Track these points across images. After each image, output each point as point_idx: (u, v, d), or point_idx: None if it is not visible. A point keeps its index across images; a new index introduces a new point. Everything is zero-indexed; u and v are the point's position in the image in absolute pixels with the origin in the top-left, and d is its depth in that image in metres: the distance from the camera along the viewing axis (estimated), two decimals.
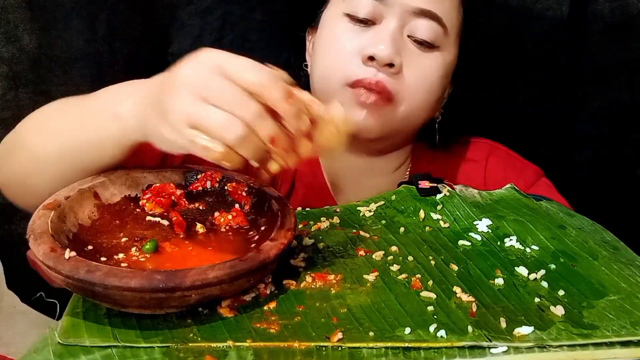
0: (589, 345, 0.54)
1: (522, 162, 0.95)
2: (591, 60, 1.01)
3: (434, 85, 0.83)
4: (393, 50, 0.79)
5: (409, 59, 0.80)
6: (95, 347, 0.52)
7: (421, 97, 0.82)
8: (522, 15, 1.00)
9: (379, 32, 0.80)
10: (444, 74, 0.84)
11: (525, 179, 0.90)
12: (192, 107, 0.54)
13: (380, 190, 0.90)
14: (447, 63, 0.84)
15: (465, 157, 0.95)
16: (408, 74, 0.81)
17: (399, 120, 0.83)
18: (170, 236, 0.64)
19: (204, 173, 0.71)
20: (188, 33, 1.07)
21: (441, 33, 0.81)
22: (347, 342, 0.53)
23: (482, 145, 0.96)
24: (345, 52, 0.81)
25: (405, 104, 0.82)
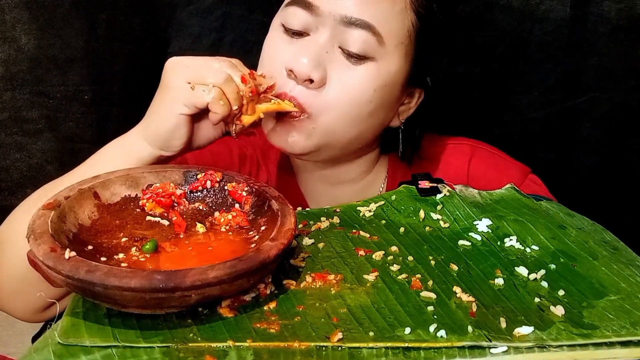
0: (589, 345, 0.54)
1: (506, 161, 0.94)
2: (596, 63, 1.00)
3: (363, 98, 0.78)
4: (313, 64, 0.76)
5: (336, 71, 0.77)
6: (95, 347, 0.52)
7: (346, 110, 0.78)
8: (525, 17, 0.99)
9: (305, 44, 0.78)
10: (381, 85, 0.79)
11: (511, 179, 0.87)
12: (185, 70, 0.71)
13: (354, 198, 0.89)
14: (386, 73, 0.79)
15: (446, 162, 0.93)
16: (333, 87, 0.77)
17: (322, 133, 0.79)
18: (170, 236, 0.64)
19: (204, 173, 0.71)
20: (188, 33, 1.07)
21: (374, 42, 0.76)
22: (347, 342, 0.53)
23: (462, 148, 0.94)
24: (272, 64, 0.80)
25: (327, 117, 0.78)
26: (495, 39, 1.01)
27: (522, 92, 1.05)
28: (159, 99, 0.73)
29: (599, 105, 1.03)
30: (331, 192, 0.93)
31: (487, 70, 1.04)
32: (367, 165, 0.92)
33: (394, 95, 0.82)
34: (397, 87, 0.81)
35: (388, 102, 0.82)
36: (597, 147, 1.06)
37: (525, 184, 0.90)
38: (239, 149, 0.95)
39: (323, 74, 0.77)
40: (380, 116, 0.83)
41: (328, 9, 0.77)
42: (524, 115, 1.06)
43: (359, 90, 0.78)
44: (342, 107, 0.78)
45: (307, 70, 0.76)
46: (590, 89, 1.02)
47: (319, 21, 0.77)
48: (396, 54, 0.79)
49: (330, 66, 0.77)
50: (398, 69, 0.80)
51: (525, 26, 1.00)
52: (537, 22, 0.99)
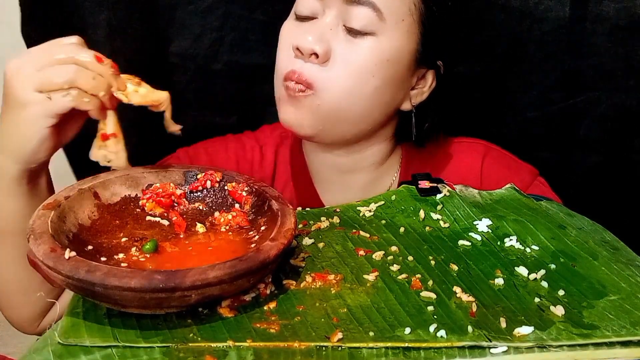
0: (589, 345, 0.54)
1: (517, 162, 0.95)
2: (596, 63, 1.00)
3: (365, 71, 0.80)
4: (316, 39, 0.79)
5: (340, 47, 0.80)
6: (95, 347, 0.52)
7: (349, 84, 0.80)
8: (524, 17, 0.99)
9: (312, 25, 0.81)
10: (384, 60, 0.80)
11: (522, 180, 0.89)
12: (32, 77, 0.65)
13: (364, 188, 0.92)
14: (388, 48, 0.80)
15: (460, 159, 0.94)
16: (337, 62, 0.80)
17: (328, 109, 0.81)
18: (170, 236, 0.65)
19: (204, 173, 0.71)
20: (188, 33, 1.07)
21: (375, 18, 0.78)
22: (347, 342, 0.53)
23: (477, 147, 0.95)
24: (282, 49, 0.84)
25: (331, 91, 0.80)
26: (495, 39, 1.01)
27: (522, 91, 1.04)
28: (13, 117, 0.66)
29: (599, 105, 1.02)
30: (342, 181, 0.93)
31: (487, 70, 1.04)
32: (380, 155, 0.92)
33: (400, 73, 0.83)
34: (402, 64, 0.82)
35: (393, 79, 0.83)
36: (596, 146, 1.06)
37: (534, 184, 0.91)
38: (235, 144, 0.96)
39: (327, 48, 0.79)
40: (386, 94, 0.83)
41: None
42: (524, 115, 1.06)
43: (360, 63, 0.80)
44: (345, 80, 0.80)
45: (311, 44, 0.79)
46: (590, 88, 1.02)
47: (325, 4, 0.80)
48: (397, 30, 0.80)
49: (335, 42, 0.80)
50: (400, 46, 0.81)
51: (525, 26, 1.00)
52: (536, 22, 0.99)
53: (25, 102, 0.65)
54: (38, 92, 0.64)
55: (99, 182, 0.67)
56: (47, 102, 0.64)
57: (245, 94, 1.11)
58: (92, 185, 0.66)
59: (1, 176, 0.69)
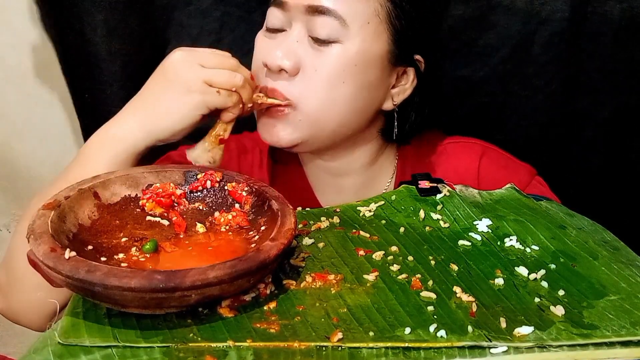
0: (589, 345, 0.54)
1: (514, 162, 0.95)
2: (599, 64, 0.99)
3: (334, 79, 0.80)
4: (284, 54, 0.80)
5: (308, 58, 0.80)
6: (95, 347, 0.52)
7: (321, 93, 0.80)
8: (529, 18, 0.99)
9: (279, 39, 0.82)
10: (351, 65, 0.80)
11: (520, 179, 0.89)
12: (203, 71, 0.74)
13: (359, 189, 0.92)
14: (354, 53, 0.80)
15: (457, 159, 0.94)
16: (305, 74, 0.80)
17: (308, 122, 0.81)
18: (170, 236, 0.65)
19: (204, 173, 0.71)
20: (186, 34, 1.07)
21: (337, 26, 0.78)
22: (347, 342, 0.53)
23: (474, 147, 0.95)
24: (254, 63, 0.85)
25: (306, 103, 0.80)
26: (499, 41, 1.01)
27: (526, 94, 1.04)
28: (170, 96, 0.74)
29: (603, 107, 1.02)
30: (336, 183, 0.93)
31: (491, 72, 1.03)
32: (369, 155, 0.92)
33: (373, 75, 0.82)
34: (373, 67, 0.82)
35: (366, 82, 0.82)
36: (599, 148, 1.05)
37: (532, 184, 0.91)
38: (236, 144, 0.96)
39: (294, 62, 0.80)
40: (360, 98, 0.83)
41: (294, 3, 0.80)
42: (528, 118, 1.05)
43: (328, 72, 0.80)
44: (318, 90, 0.80)
45: (278, 60, 0.80)
46: (595, 90, 1.01)
47: (291, 16, 0.81)
48: (362, 34, 0.80)
49: (303, 55, 0.80)
50: (368, 49, 0.81)
51: (530, 28, 0.99)
52: (540, 23, 0.99)
53: (189, 86, 0.73)
54: (205, 83, 0.73)
55: (99, 182, 0.67)
56: (211, 95, 0.74)
57: None
58: (92, 185, 0.66)
59: (128, 144, 0.75)
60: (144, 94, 0.77)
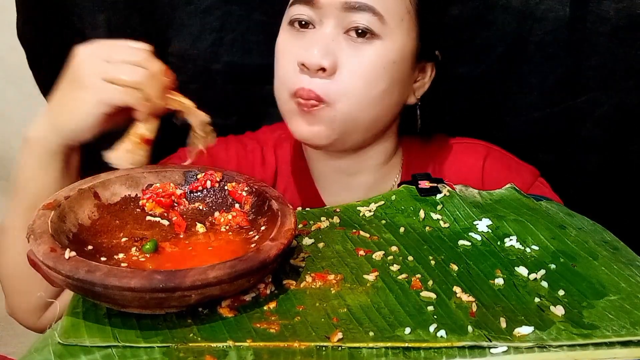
0: (589, 345, 0.54)
1: (518, 163, 0.95)
2: (597, 63, 0.99)
3: (374, 77, 0.80)
4: (322, 53, 0.78)
5: (345, 56, 0.79)
6: (95, 347, 0.52)
7: (361, 92, 0.80)
8: (525, 17, 0.99)
9: (313, 37, 0.80)
10: (390, 62, 0.80)
11: (523, 181, 0.90)
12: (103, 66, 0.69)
13: (367, 189, 0.92)
14: (393, 50, 0.80)
15: (461, 159, 0.94)
16: (344, 72, 0.79)
17: (343, 120, 0.81)
18: (170, 236, 0.65)
19: (204, 173, 0.71)
20: (187, 33, 1.07)
21: (376, 22, 0.78)
22: (347, 342, 0.53)
23: (478, 148, 0.95)
24: (285, 63, 0.82)
25: (345, 102, 0.79)
26: (495, 40, 1.01)
27: (522, 92, 1.04)
28: (73, 94, 0.71)
29: (599, 106, 1.02)
30: (344, 182, 0.93)
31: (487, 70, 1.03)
32: (385, 154, 0.92)
33: (405, 71, 0.83)
34: (406, 63, 0.83)
35: (400, 79, 0.83)
36: (597, 147, 1.05)
37: (535, 185, 0.91)
38: (236, 145, 0.96)
39: (333, 60, 0.78)
40: (395, 94, 0.84)
41: (328, 0, 0.78)
42: (524, 116, 1.06)
43: (369, 70, 0.80)
44: (357, 89, 0.80)
45: (317, 60, 0.78)
46: (590, 89, 1.01)
47: (322, 13, 0.79)
48: (399, 30, 0.80)
49: (340, 53, 0.79)
50: (404, 45, 0.81)
51: (525, 26, 1.00)
52: (536, 22, 0.99)
53: (91, 86, 0.69)
54: (106, 81, 0.69)
55: (99, 182, 0.67)
56: (110, 92, 0.69)
57: (245, 94, 1.11)
58: (92, 185, 0.66)
59: (42, 146, 0.73)
60: (55, 93, 0.73)
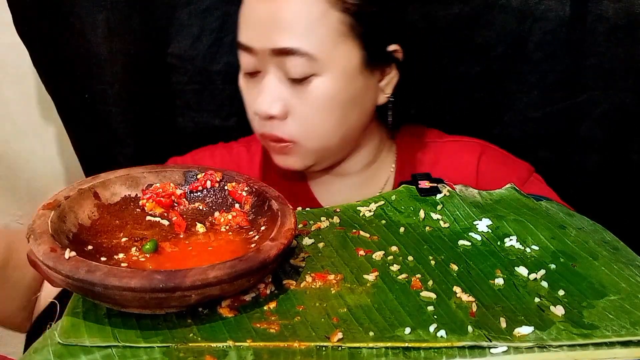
0: (589, 345, 0.54)
1: (513, 160, 0.95)
2: (596, 63, 1.00)
3: (326, 111, 0.81)
4: (269, 102, 0.80)
5: (293, 99, 0.80)
6: (95, 347, 0.52)
7: (319, 127, 0.82)
8: (524, 16, 0.99)
9: (260, 85, 0.82)
10: (337, 91, 0.80)
11: (518, 177, 0.90)
12: None
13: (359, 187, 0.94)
14: (336, 78, 0.80)
15: (456, 157, 0.94)
16: (297, 115, 0.81)
17: (314, 151, 0.84)
18: (170, 236, 0.65)
19: (204, 173, 0.71)
20: (187, 33, 1.07)
21: (308, 63, 0.78)
22: (347, 342, 0.53)
23: (473, 145, 0.95)
24: (247, 108, 0.86)
25: (309, 139, 0.82)
26: (494, 39, 1.01)
27: (522, 91, 1.05)
28: None
29: (598, 105, 1.02)
30: (336, 183, 0.94)
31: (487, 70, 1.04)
32: (372, 153, 0.93)
33: (358, 86, 0.83)
34: (357, 78, 0.82)
35: (354, 96, 0.83)
36: (596, 146, 1.06)
37: (530, 181, 0.91)
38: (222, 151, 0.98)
39: (282, 106, 0.80)
40: (356, 110, 0.84)
41: (259, 47, 0.79)
42: (524, 115, 1.06)
43: (318, 108, 0.81)
44: (314, 127, 0.82)
45: (266, 110, 0.80)
46: (590, 88, 1.02)
47: (261, 59, 0.80)
48: (337, 56, 0.79)
49: (288, 96, 0.81)
50: (346, 67, 0.80)
51: (525, 26, 1.00)
52: (536, 21, 0.99)
53: None
54: None
55: (99, 182, 0.67)
56: None
57: None
58: (92, 185, 0.66)
59: None
60: None
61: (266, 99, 0.80)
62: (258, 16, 0.79)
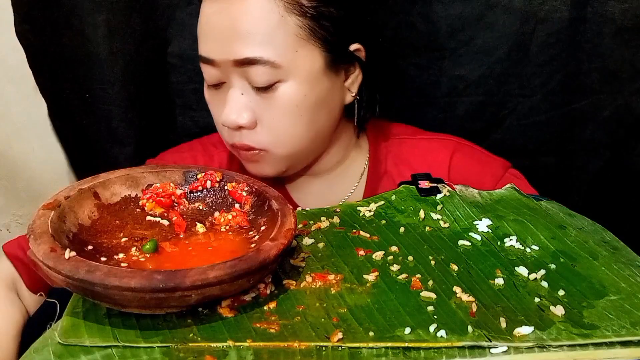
0: (589, 345, 0.54)
1: (488, 157, 0.95)
2: (601, 65, 0.99)
3: (293, 117, 0.80)
4: (236, 113, 0.80)
5: (260, 108, 0.80)
6: (95, 347, 0.52)
7: (288, 133, 0.81)
8: (527, 18, 0.99)
9: (225, 96, 0.81)
10: (302, 96, 0.80)
11: (493, 174, 0.90)
12: None
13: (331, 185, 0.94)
14: (300, 83, 0.79)
15: (429, 154, 0.93)
16: (265, 123, 0.80)
17: (284, 157, 0.84)
18: (170, 236, 0.65)
19: (204, 173, 0.71)
20: (187, 33, 1.07)
21: (270, 70, 0.77)
22: (347, 342, 0.53)
23: (446, 143, 0.95)
24: (215, 119, 0.86)
25: (278, 146, 0.82)
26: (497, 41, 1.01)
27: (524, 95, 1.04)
28: None
29: (603, 108, 1.02)
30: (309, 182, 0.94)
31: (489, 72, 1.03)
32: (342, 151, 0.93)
33: (323, 88, 0.82)
34: (320, 82, 0.81)
35: (321, 99, 0.82)
36: (600, 150, 1.05)
37: (505, 177, 0.91)
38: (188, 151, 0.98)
39: (249, 116, 0.80)
40: (324, 112, 0.84)
41: (220, 59, 0.79)
42: (526, 118, 1.05)
43: (285, 114, 0.80)
44: (283, 134, 0.81)
45: (234, 120, 0.80)
46: (594, 91, 1.01)
47: (223, 70, 0.80)
48: (299, 61, 0.79)
49: (254, 105, 0.80)
50: (310, 70, 0.80)
51: (528, 27, 0.99)
52: (539, 23, 0.98)
53: None
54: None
55: (99, 182, 0.67)
56: None
57: None
58: (92, 185, 0.66)
59: None
60: None
61: (233, 109, 0.80)
62: (216, 27, 0.79)
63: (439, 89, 1.05)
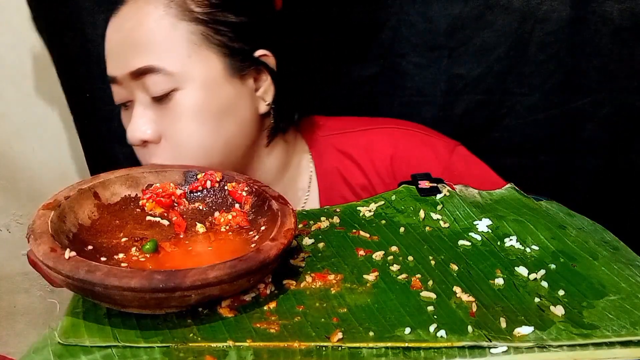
0: (589, 345, 0.54)
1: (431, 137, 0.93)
2: (599, 64, 0.99)
3: (197, 125, 0.78)
4: (138, 130, 0.79)
5: (161, 120, 0.79)
6: (95, 347, 0.52)
7: (193, 144, 0.79)
8: (526, 17, 0.99)
9: (131, 112, 0.80)
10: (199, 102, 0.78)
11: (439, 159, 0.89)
12: None
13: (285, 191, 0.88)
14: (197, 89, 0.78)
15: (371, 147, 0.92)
16: (169, 135, 0.79)
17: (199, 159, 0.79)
18: (170, 236, 0.65)
19: (204, 173, 0.71)
20: None
21: (164, 78, 0.77)
22: (347, 342, 0.53)
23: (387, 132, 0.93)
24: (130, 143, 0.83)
25: (189, 156, 0.79)
26: (496, 40, 1.01)
27: (523, 94, 1.04)
28: None
29: (602, 107, 1.02)
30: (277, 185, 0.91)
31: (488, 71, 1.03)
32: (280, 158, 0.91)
33: (226, 95, 0.80)
34: (221, 87, 0.80)
35: (224, 106, 0.80)
36: (599, 149, 1.05)
37: (452, 160, 0.89)
38: None
39: (153, 130, 0.79)
40: (230, 120, 0.81)
41: (120, 74, 0.79)
42: (526, 117, 1.06)
43: (186, 120, 0.78)
44: (186, 144, 0.79)
45: (138, 137, 0.79)
46: (593, 90, 1.01)
47: (125, 87, 0.80)
48: (193, 67, 0.78)
49: (157, 118, 0.79)
50: (205, 78, 0.79)
51: (527, 27, 0.99)
52: (538, 22, 0.99)
53: None
54: None
55: (99, 182, 0.67)
56: None
57: None
58: (92, 185, 0.66)
59: None
60: None
61: (135, 124, 0.79)
62: (115, 45, 0.79)
63: (438, 87, 1.05)
